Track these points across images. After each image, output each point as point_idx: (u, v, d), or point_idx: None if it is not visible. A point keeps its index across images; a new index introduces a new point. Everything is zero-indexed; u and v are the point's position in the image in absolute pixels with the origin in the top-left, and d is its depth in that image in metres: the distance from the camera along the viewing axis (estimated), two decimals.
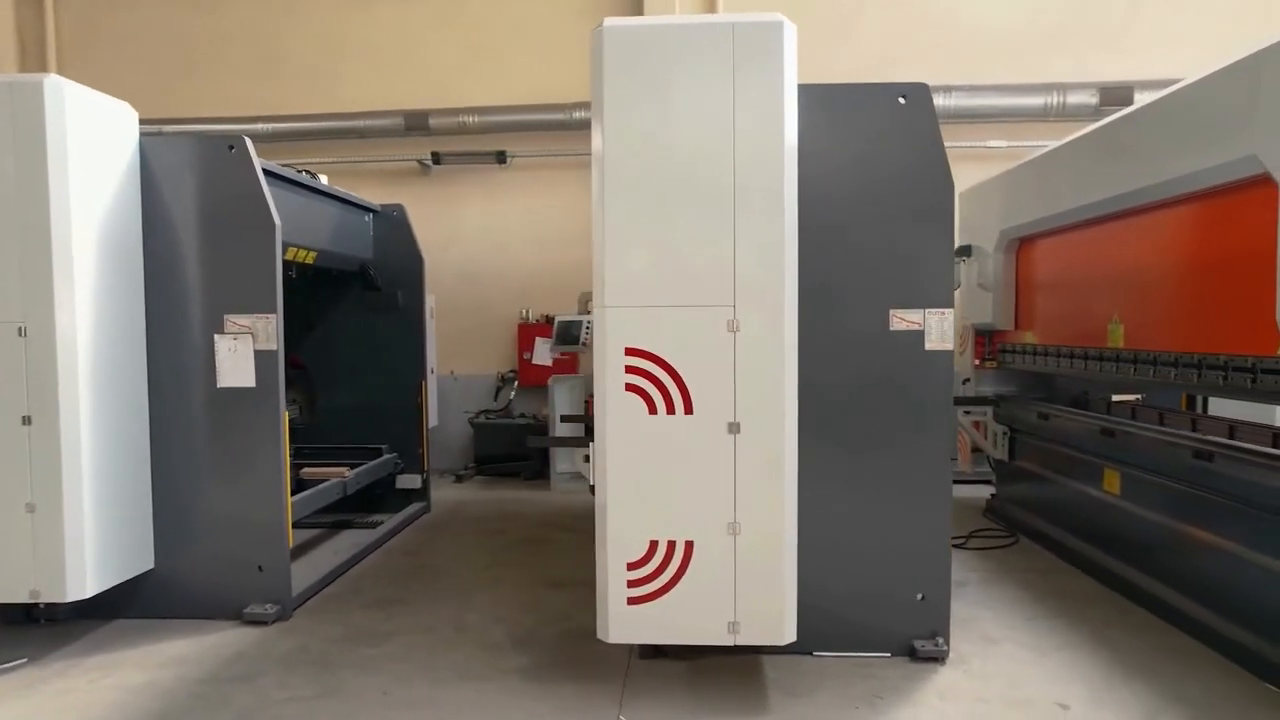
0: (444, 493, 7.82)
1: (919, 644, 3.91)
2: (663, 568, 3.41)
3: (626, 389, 3.38)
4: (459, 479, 8.52)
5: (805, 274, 3.52)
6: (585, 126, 8.43)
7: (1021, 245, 6.25)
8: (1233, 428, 4.70)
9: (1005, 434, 6.43)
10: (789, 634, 3.45)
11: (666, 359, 3.37)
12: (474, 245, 9.01)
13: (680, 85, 3.33)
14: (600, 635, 3.51)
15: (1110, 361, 5.00)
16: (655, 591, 3.42)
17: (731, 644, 3.45)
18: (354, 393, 6.84)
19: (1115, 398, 5.98)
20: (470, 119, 8.43)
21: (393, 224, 6.91)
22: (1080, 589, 4.89)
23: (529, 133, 8.62)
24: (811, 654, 3.90)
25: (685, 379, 3.37)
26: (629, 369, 3.38)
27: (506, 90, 8.66)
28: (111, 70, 8.89)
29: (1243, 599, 3.86)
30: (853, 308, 3.85)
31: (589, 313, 7.34)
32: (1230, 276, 3.95)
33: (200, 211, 4.46)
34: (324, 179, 5.93)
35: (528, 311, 9.00)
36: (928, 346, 3.85)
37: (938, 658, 3.88)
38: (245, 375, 4.44)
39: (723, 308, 3.35)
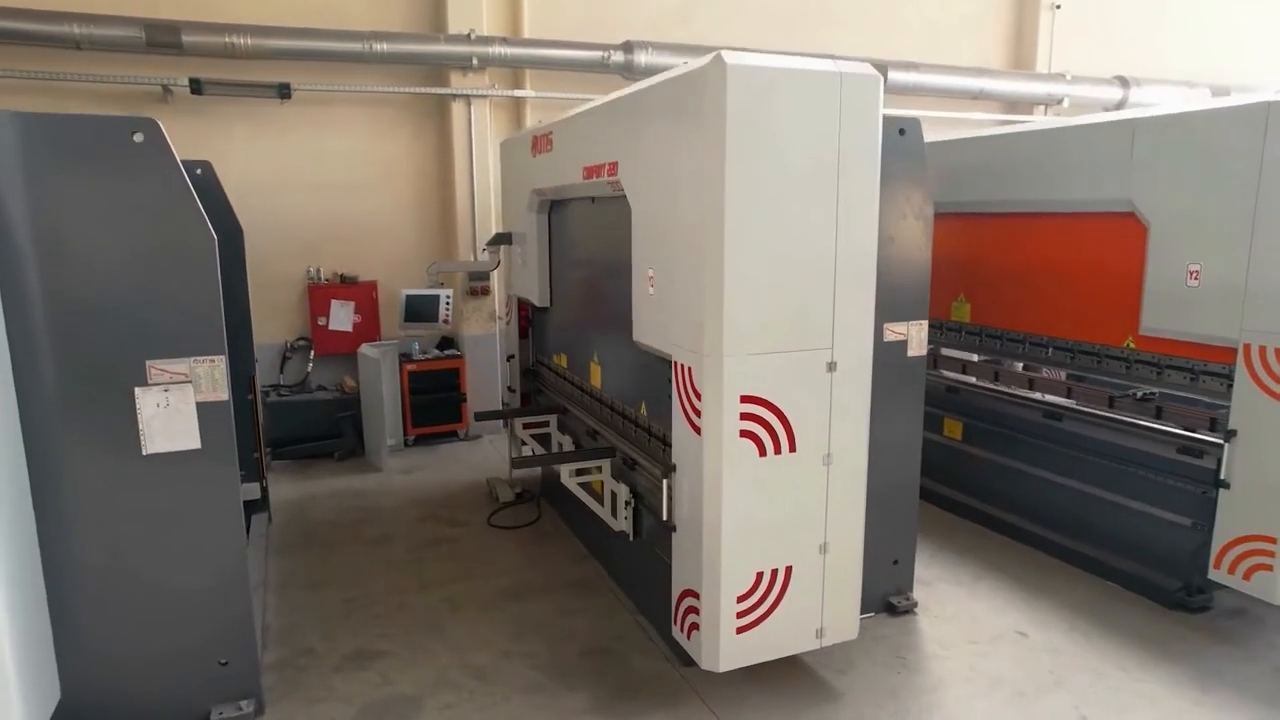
0: None
1: (895, 600, 4.67)
2: (766, 594, 3.62)
3: (741, 435, 3.43)
4: None
5: None
6: (384, 60, 7.46)
7: None
8: (1031, 380, 6.12)
9: None
10: (857, 628, 3.92)
11: (776, 403, 3.47)
12: (237, 191, 7.45)
13: (794, 136, 3.31)
14: (709, 666, 3.63)
15: (954, 332, 6.12)
16: (760, 617, 3.62)
17: (818, 648, 3.82)
18: None
19: None
20: (242, 40, 6.83)
21: (196, 183, 5.50)
22: (938, 519, 6.07)
23: (312, 62, 7.27)
24: None
25: (790, 419, 3.51)
26: (743, 415, 3.42)
27: (282, 8, 7.15)
28: None
29: (1083, 521, 5.23)
30: None
31: (443, 285, 6.75)
32: (1091, 281, 5.10)
33: (86, 220, 3.26)
34: None
35: (318, 270, 7.84)
36: (909, 354, 4.44)
37: (910, 609, 4.69)
38: (185, 435, 3.47)
39: (823, 350, 3.53)
